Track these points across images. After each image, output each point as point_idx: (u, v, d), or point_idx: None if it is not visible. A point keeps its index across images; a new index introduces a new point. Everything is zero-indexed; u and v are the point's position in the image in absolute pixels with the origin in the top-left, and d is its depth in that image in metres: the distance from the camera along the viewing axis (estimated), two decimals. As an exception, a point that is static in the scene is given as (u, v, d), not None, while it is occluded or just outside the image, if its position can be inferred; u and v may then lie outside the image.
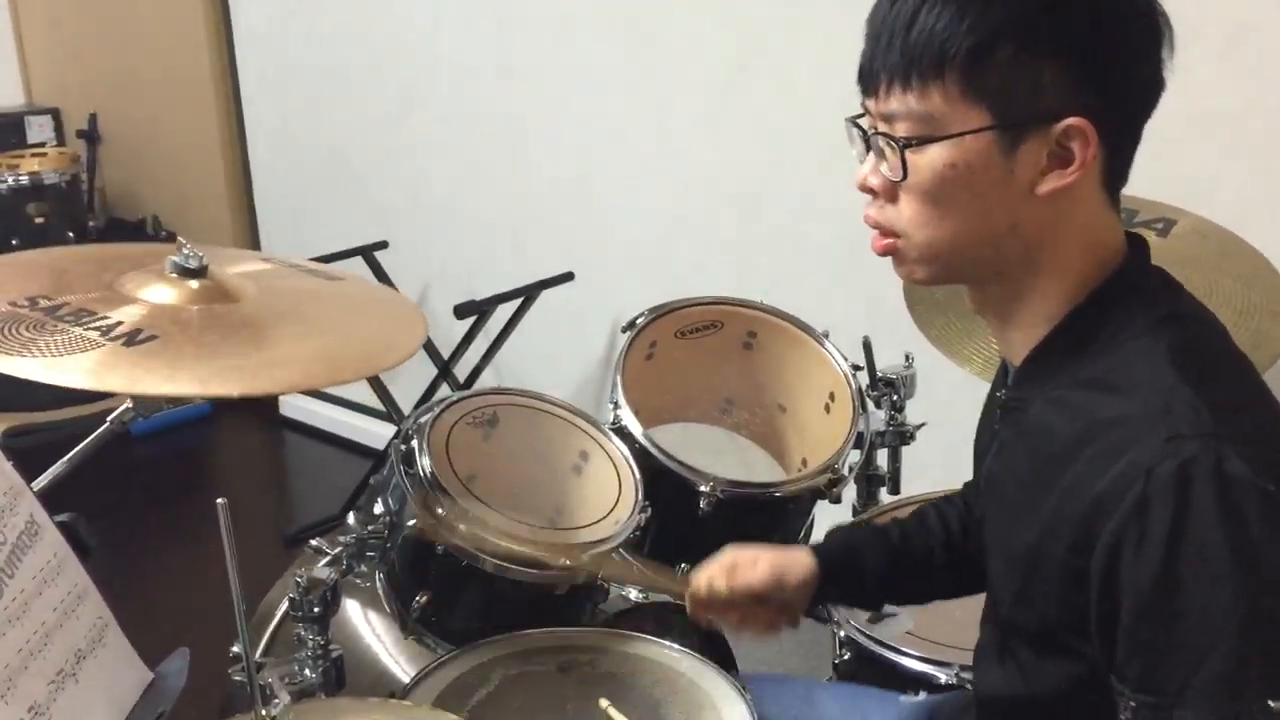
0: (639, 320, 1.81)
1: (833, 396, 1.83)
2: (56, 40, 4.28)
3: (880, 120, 1.00)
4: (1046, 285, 1.02)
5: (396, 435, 1.57)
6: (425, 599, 1.52)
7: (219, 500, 0.98)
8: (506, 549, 1.44)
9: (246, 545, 0.99)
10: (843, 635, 1.62)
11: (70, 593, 1.03)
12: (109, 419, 1.33)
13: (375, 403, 3.23)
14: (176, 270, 1.29)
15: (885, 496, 1.94)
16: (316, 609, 1.38)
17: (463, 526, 1.44)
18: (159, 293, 1.28)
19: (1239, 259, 1.69)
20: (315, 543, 1.49)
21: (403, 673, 1.61)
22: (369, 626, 1.67)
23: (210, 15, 3.67)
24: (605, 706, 1.31)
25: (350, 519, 1.53)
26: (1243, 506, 0.86)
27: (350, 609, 1.67)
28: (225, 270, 1.34)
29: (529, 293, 2.91)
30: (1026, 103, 0.94)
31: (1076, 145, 0.95)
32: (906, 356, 1.90)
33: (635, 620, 1.66)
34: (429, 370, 3.03)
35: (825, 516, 1.84)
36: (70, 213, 3.91)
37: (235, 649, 1.27)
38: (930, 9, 0.94)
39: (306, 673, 1.38)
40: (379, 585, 1.59)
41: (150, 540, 3.05)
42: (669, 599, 1.72)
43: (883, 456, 1.92)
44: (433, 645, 1.55)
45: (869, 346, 1.90)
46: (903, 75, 0.96)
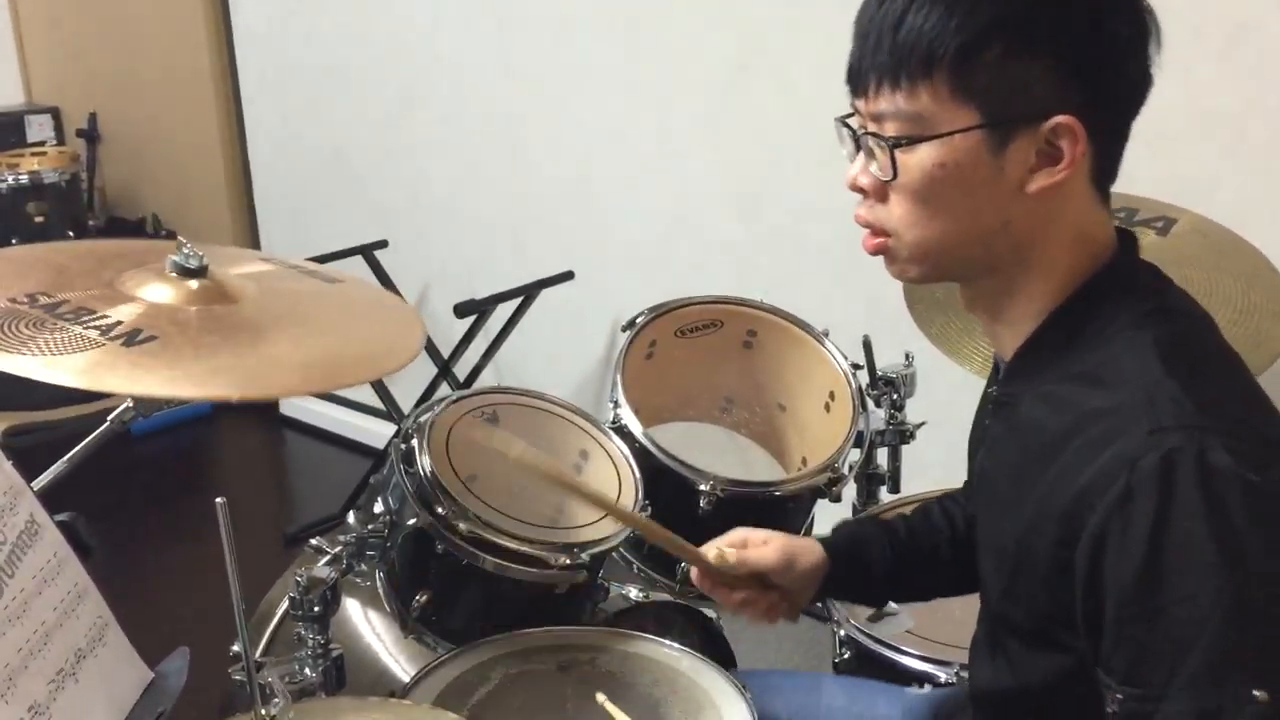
0: (639, 319, 1.81)
1: (833, 395, 1.83)
2: (56, 39, 4.28)
3: (870, 120, 1.01)
4: (1036, 282, 1.02)
5: (397, 434, 1.58)
6: (425, 598, 1.52)
7: (219, 499, 0.98)
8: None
9: (246, 544, 0.99)
10: (843, 634, 1.63)
11: (70, 592, 1.03)
12: (109, 418, 1.34)
13: (375, 402, 3.23)
14: (176, 270, 1.28)
15: (885, 495, 1.94)
16: (316, 608, 1.38)
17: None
18: (159, 292, 1.27)
19: (1239, 258, 1.69)
20: (315, 542, 1.49)
21: (403, 672, 1.61)
22: (369, 625, 1.67)
23: (210, 15, 3.67)
24: (602, 701, 1.31)
25: (350, 518, 1.53)
26: (1226, 497, 0.86)
27: (350, 608, 1.68)
28: (225, 271, 1.33)
29: (529, 292, 2.90)
30: (1015, 102, 0.95)
31: (1065, 143, 0.95)
32: (906, 355, 1.90)
33: (635, 619, 1.67)
34: (429, 369, 3.03)
35: (825, 515, 1.84)
36: (70, 212, 3.91)
37: (235, 648, 1.27)
38: (918, 9, 0.94)
39: (306, 672, 1.38)
40: (379, 584, 1.59)
41: (150, 539, 3.05)
42: (669, 598, 1.73)
43: (883, 455, 1.92)
44: (433, 644, 1.55)
45: (869, 345, 1.90)
46: (891, 75, 0.96)
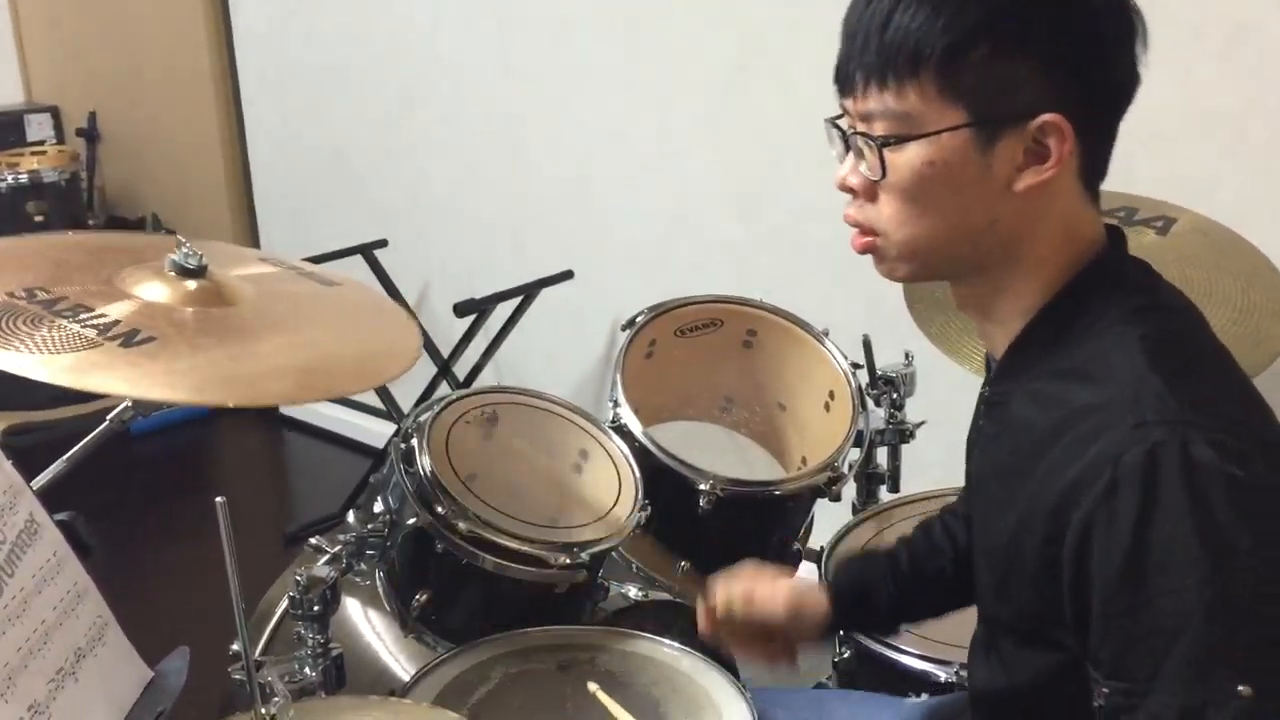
0: (639, 319, 1.81)
1: (832, 395, 1.83)
2: (56, 39, 4.28)
3: (858, 120, 1.01)
4: (1025, 280, 1.02)
5: (396, 434, 1.58)
6: (425, 597, 1.53)
7: (218, 499, 0.98)
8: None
9: (246, 544, 0.99)
10: (842, 633, 1.62)
11: (70, 591, 1.03)
12: (108, 418, 1.33)
13: (375, 401, 3.24)
14: (175, 269, 1.27)
15: (885, 494, 1.94)
16: (316, 607, 1.38)
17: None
18: (158, 291, 1.26)
19: (1239, 257, 1.69)
20: (315, 541, 1.49)
21: (403, 671, 1.61)
22: (369, 625, 1.67)
23: (210, 15, 3.67)
24: (594, 691, 1.31)
25: (350, 517, 1.53)
26: (1209, 492, 0.86)
27: (350, 607, 1.67)
28: (224, 271, 1.32)
29: (528, 291, 2.90)
30: (1002, 100, 0.95)
31: (1053, 141, 0.95)
32: (906, 355, 1.90)
33: (635, 619, 1.67)
34: (429, 369, 3.02)
35: (825, 514, 1.84)
36: (69, 211, 3.90)
37: (235, 647, 1.27)
38: (905, 8, 0.95)
39: (306, 671, 1.38)
40: (379, 583, 1.59)
41: (150, 539, 3.05)
42: (670, 597, 1.73)
43: (882, 454, 1.93)
44: (432, 643, 1.55)
45: (869, 345, 1.90)
46: (879, 75, 0.97)
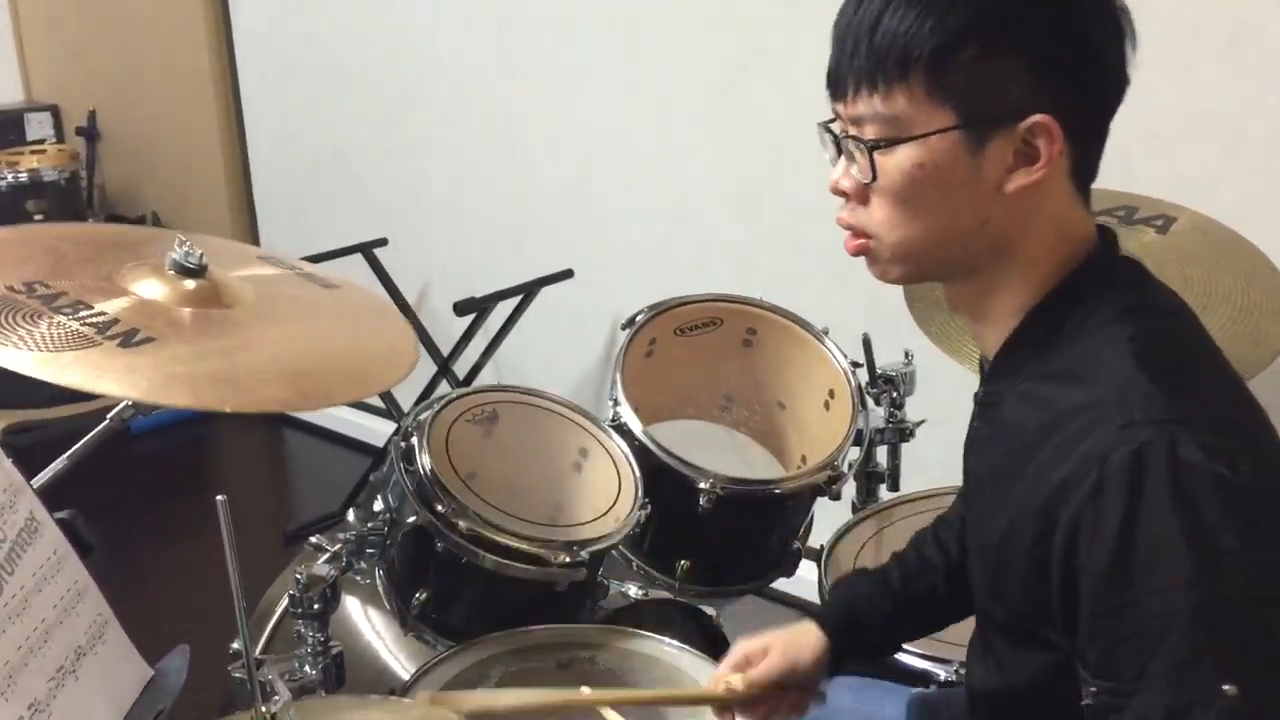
0: (638, 317, 1.81)
1: (832, 394, 1.83)
2: (56, 37, 4.28)
3: (850, 124, 1.01)
4: (1016, 280, 1.02)
5: (396, 432, 1.58)
6: (425, 596, 1.53)
7: (219, 497, 0.98)
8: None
9: (246, 542, 0.99)
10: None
11: (70, 590, 1.03)
12: (108, 416, 1.33)
13: (375, 400, 3.23)
14: (175, 268, 1.27)
15: (885, 493, 1.94)
16: (316, 606, 1.39)
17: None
18: (158, 290, 1.25)
19: (1239, 257, 1.69)
20: (315, 540, 1.49)
21: (402, 669, 1.61)
22: (369, 623, 1.68)
23: (210, 15, 3.66)
24: (587, 693, 1.31)
25: (350, 516, 1.53)
26: (1196, 492, 0.86)
27: (350, 606, 1.68)
28: (224, 272, 1.32)
29: (528, 290, 2.90)
30: (991, 102, 0.95)
31: (1042, 142, 0.96)
32: (906, 354, 1.90)
33: (635, 617, 1.67)
34: (429, 368, 3.02)
35: (825, 513, 1.84)
36: (69, 210, 3.89)
37: (235, 646, 1.27)
38: (894, 12, 0.95)
39: (306, 669, 1.38)
40: (379, 582, 1.59)
41: (150, 537, 3.05)
42: (669, 596, 1.73)
43: (882, 453, 1.93)
44: (432, 642, 1.55)
45: (868, 344, 1.90)
46: (869, 78, 0.97)
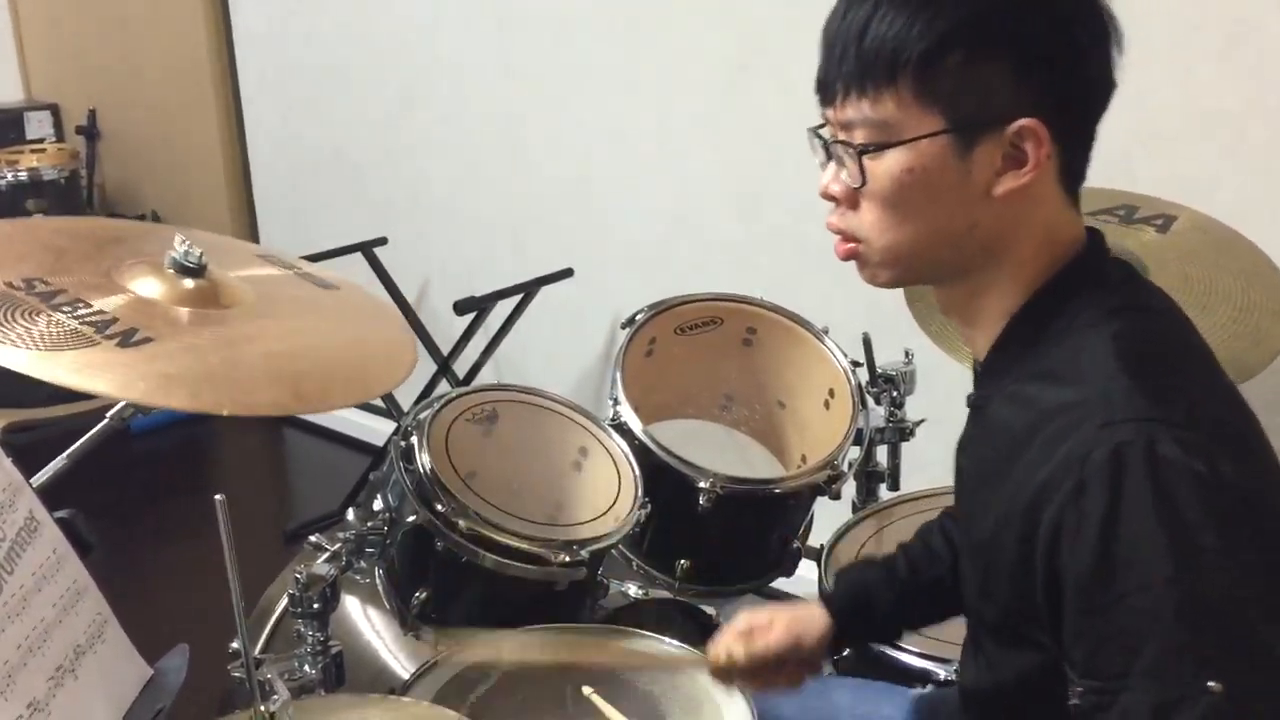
0: (638, 317, 1.81)
1: (832, 393, 1.83)
2: (56, 36, 4.28)
3: (839, 129, 1.02)
4: (1005, 282, 1.03)
5: (396, 431, 1.58)
6: (425, 595, 1.53)
7: (218, 496, 0.98)
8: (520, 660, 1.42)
9: (246, 541, 0.99)
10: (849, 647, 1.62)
11: (69, 589, 1.03)
12: (108, 415, 1.33)
13: (375, 399, 3.23)
14: (175, 267, 1.26)
15: (885, 492, 1.94)
16: (316, 605, 1.38)
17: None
18: (157, 289, 1.25)
19: (1239, 256, 1.69)
20: (315, 539, 1.49)
21: (402, 669, 1.61)
22: (368, 623, 1.67)
23: (210, 14, 3.66)
24: (589, 694, 1.31)
25: (350, 515, 1.53)
26: (1175, 489, 0.86)
27: (350, 605, 1.67)
28: (223, 271, 1.31)
29: (528, 289, 2.90)
30: (978, 106, 0.96)
31: (1030, 146, 0.96)
32: (906, 353, 1.90)
33: (635, 616, 1.67)
34: (429, 367, 3.02)
35: (825, 512, 1.84)
36: (69, 208, 3.89)
37: (235, 645, 1.27)
38: (881, 18, 0.96)
39: (306, 669, 1.38)
40: (378, 581, 1.59)
41: (149, 537, 3.05)
42: (669, 595, 1.73)
43: (882, 453, 1.93)
44: (432, 641, 1.55)
45: (869, 343, 1.90)
46: (857, 83, 0.98)
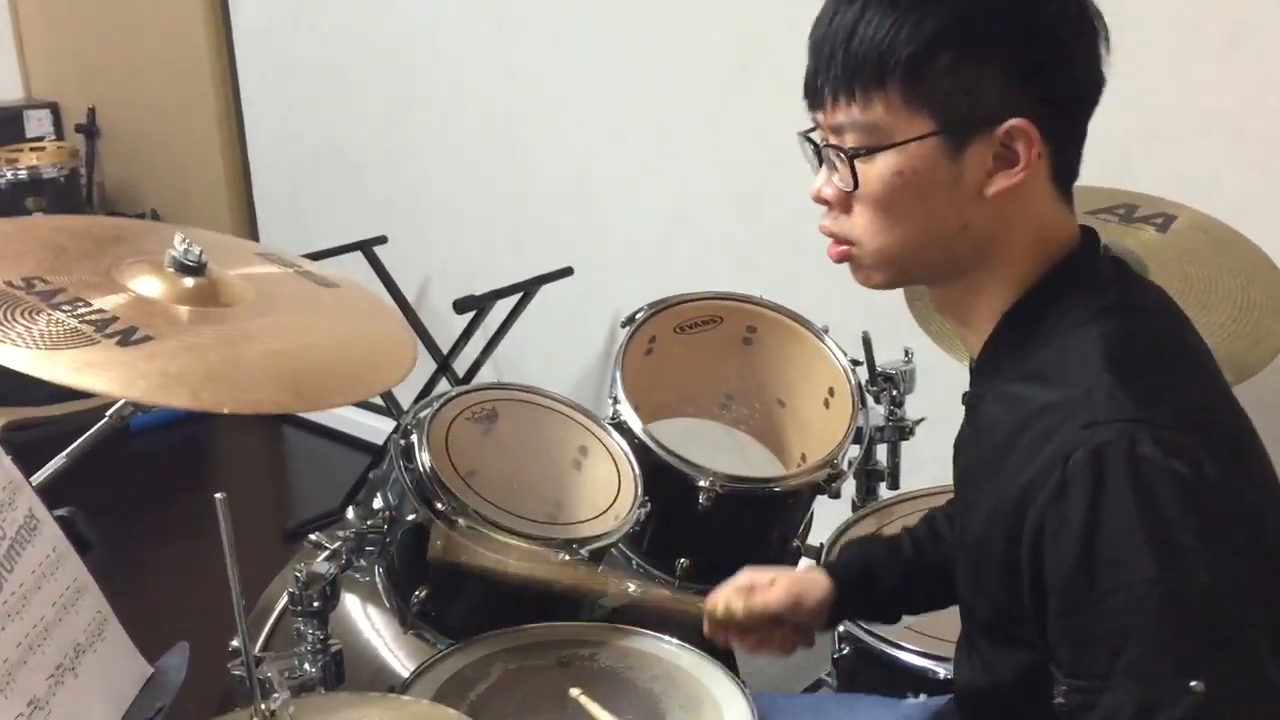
0: (638, 315, 1.81)
1: (832, 392, 1.83)
2: (56, 35, 4.28)
3: (830, 133, 1.02)
4: (998, 282, 1.03)
5: (396, 430, 1.58)
6: (425, 593, 1.53)
7: (218, 495, 0.98)
8: (527, 575, 1.44)
9: (246, 540, 0.99)
10: (842, 630, 1.63)
11: (69, 587, 1.03)
12: (108, 414, 1.33)
13: (375, 397, 3.23)
14: (175, 266, 1.26)
15: (885, 491, 1.94)
16: (316, 603, 1.38)
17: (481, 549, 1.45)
18: (157, 288, 1.25)
19: (1239, 255, 1.69)
20: (314, 537, 1.48)
21: (402, 667, 1.61)
22: (368, 621, 1.67)
23: (210, 13, 3.67)
24: (575, 696, 1.31)
25: (349, 514, 1.53)
26: (1155, 490, 0.87)
27: (349, 604, 1.67)
28: (223, 270, 1.31)
29: (528, 288, 2.90)
30: (968, 107, 0.96)
31: (1020, 146, 0.96)
32: (906, 352, 1.90)
33: (635, 615, 1.66)
34: (428, 365, 3.03)
35: (825, 511, 1.84)
36: (69, 207, 3.89)
37: (234, 643, 1.27)
38: (868, 21, 0.96)
39: (306, 667, 1.38)
40: (378, 580, 1.59)
41: (149, 535, 3.05)
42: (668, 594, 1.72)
43: (882, 452, 1.93)
44: (432, 640, 1.55)
45: (868, 342, 1.90)
46: (846, 87, 0.98)
